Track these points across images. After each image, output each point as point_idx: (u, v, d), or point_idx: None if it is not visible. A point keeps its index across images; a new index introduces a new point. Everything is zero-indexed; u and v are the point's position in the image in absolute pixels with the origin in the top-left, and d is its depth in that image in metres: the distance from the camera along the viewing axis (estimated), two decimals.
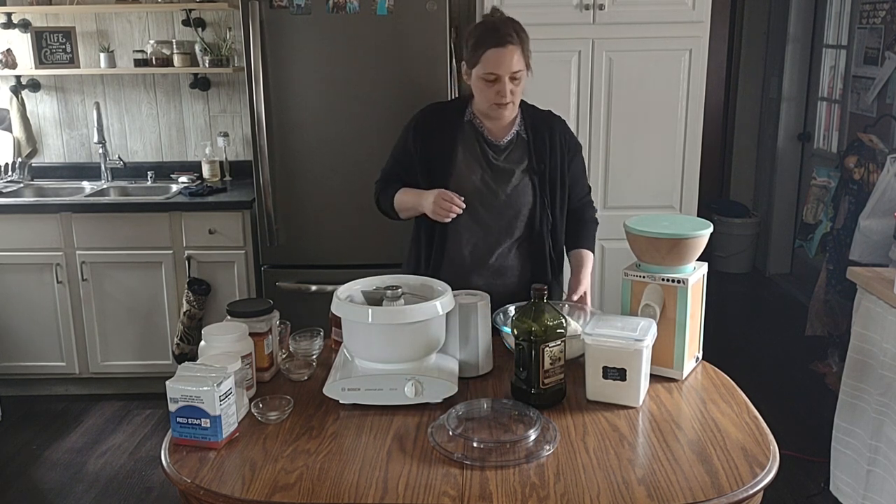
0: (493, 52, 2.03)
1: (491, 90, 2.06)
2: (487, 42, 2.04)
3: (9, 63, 3.93)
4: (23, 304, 3.67)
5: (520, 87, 2.10)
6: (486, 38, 2.04)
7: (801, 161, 5.46)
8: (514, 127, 2.20)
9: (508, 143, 2.19)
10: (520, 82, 2.09)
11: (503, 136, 2.20)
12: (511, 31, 2.05)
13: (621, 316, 1.82)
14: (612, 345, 1.68)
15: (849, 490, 2.62)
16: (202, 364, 1.62)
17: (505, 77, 2.04)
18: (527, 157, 2.19)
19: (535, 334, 1.66)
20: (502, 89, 2.05)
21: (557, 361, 1.69)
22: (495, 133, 2.20)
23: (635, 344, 1.66)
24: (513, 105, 2.11)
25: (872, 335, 2.48)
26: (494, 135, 2.20)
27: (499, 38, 2.03)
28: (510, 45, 2.03)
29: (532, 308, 1.70)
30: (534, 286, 1.71)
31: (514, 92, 2.08)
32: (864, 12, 4.35)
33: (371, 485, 1.41)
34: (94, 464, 3.23)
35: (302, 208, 3.39)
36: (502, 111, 2.11)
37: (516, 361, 1.72)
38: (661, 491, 1.38)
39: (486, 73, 2.05)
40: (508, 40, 2.03)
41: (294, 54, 3.26)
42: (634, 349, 1.66)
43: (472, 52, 2.07)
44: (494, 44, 2.03)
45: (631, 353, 1.67)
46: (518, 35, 2.06)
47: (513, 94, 2.08)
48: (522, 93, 2.14)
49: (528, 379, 1.69)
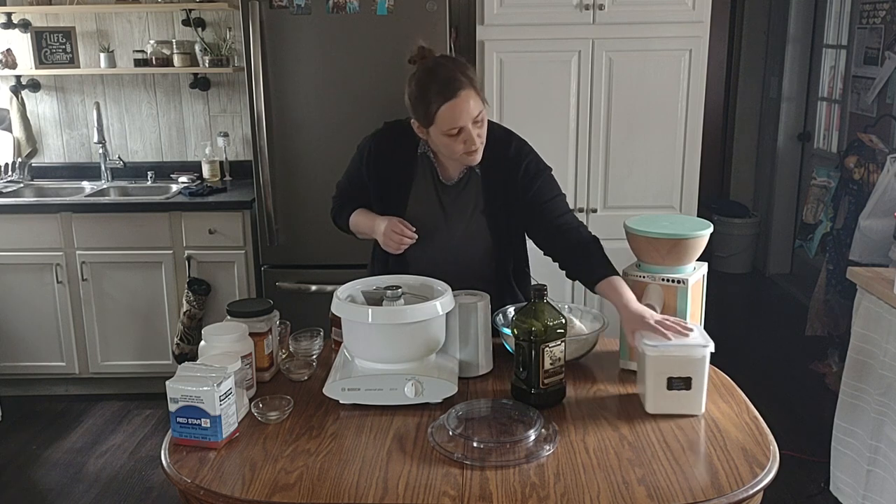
0: (448, 105, 1.83)
1: (457, 143, 1.88)
2: (437, 99, 1.84)
3: (9, 63, 3.93)
4: (23, 304, 3.67)
5: (484, 125, 1.91)
6: (434, 95, 1.84)
7: (801, 161, 5.46)
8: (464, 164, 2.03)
9: (459, 182, 2.05)
10: (482, 122, 1.90)
11: (454, 173, 2.05)
12: (457, 76, 1.85)
13: None
14: (678, 354, 1.62)
15: (849, 490, 2.62)
16: (202, 364, 1.62)
17: (468, 126, 1.86)
18: (481, 197, 2.04)
19: (536, 334, 1.66)
20: (469, 138, 1.87)
21: (558, 361, 1.69)
22: (447, 170, 2.05)
23: (702, 350, 1.62)
24: (482, 145, 1.92)
25: (872, 335, 2.48)
26: (445, 173, 2.05)
27: (448, 91, 1.83)
28: (462, 92, 1.83)
29: (532, 308, 1.69)
30: (533, 285, 1.70)
31: (480, 135, 1.90)
32: (864, 12, 4.35)
33: (371, 485, 1.41)
34: (94, 464, 3.22)
35: (302, 208, 3.39)
36: (474, 157, 1.93)
37: (516, 361, 1.72)
38: (661, 491, 1.38)
39: (447, 129, 1.86)
40: (458, 87, 1.83)
41: (294, 54, 3.26)
42: (701, 356, 1.62)
43: (424, 111, 1.87)
44: (445, 98, 1.83)
45: (697, 361, 1.62)
46: (465, 75, 1.87)
47: (480, 137, 1.90)
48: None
49: (528, 379, 1.69)
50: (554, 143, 3.37)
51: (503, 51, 3.31)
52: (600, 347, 2.00)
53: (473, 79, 1.89)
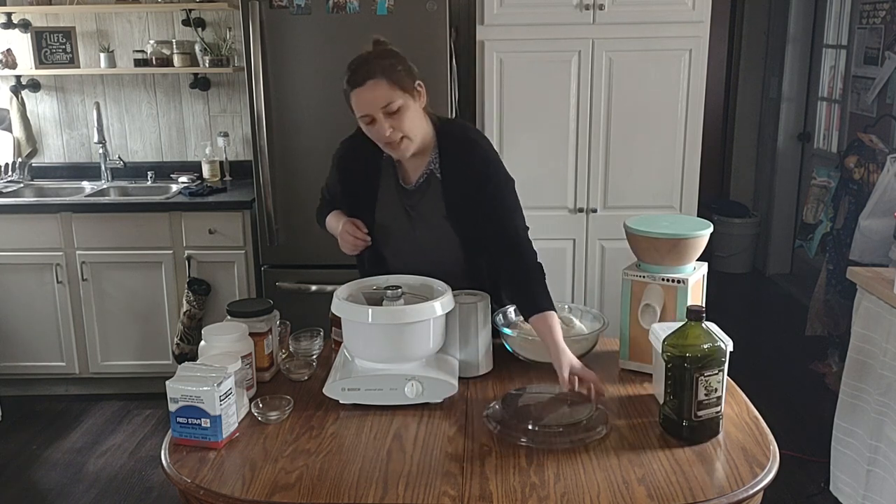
0: (356, 93, 1.84)
1: (373, 131, 1.88)
2: (347, 86, 1.86)
3: (9, 63, 3.93)
4: (23, 304, 3.67)
5: (404, 117, 1.86)
6: (349, 81, 1.86)
7: (801, 161, 5.46)
8: (425, 165, 1.99)
9: (419, 186, 2.00)
10: (401, 113, 1.85)
11: (414, 177, 2.00)
12: (368, 66, 1.84)
13: None
14: None
15: (849, 490, 2.62)
16: (202, 364, 1.62)
17: (378, 115, 1.84)
18: (441, 202, 1.98)
19: (690, 360, 1.52)
20: (380, 127, 1.85)
21: (714, 392, 1.54)
22: (407, 174, 2.02)
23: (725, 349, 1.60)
24: (407, 140, 1.88)
25: (872, 335, 2.48)
26: (406, 176, 2.02)
27: (356, 78, 1.84)
28: (369, 81, 1.82)
29: (685, 330, 1.54)
30: (689, 306, 1.56)
31: (397, 127, 1.86)
32: (864, 12, 4.35)
33: (371, 485, 1.41)
34: (94, 464, 3.22)
35: (302, 208, 3.39)
36: (398, 150, 1.90)
37: (665, 388, 1.59)
38: (661, 491, 1.38)
39: (360, 116, 1.87)
40: (366, 77, 1.83)
41: (294, 54, 3.26)
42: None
43: (346, 96, 1.89)
44: (352, 85, 1.85)
45: None
46: (380, 66, 1.84)
47: (398, 130, 1.86)
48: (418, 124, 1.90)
49: (678, 409, 1.56)
50: (554, 143, 3.37)
51: (503, 51, 3.31)
52: (600, 347, 2.00)
53: (391, 71, 1.84)
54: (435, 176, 1.99)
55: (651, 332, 1.72)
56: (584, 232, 3.46)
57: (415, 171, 2.00)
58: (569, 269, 3.50)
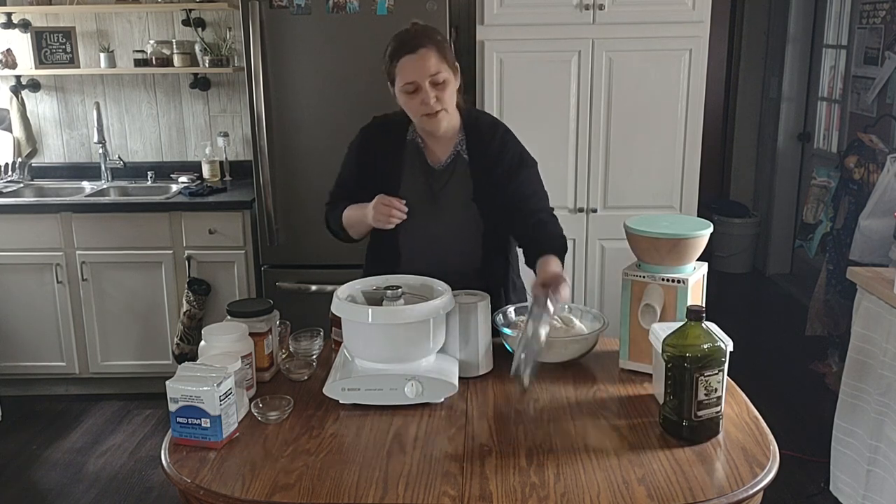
0: (405, 60, 1.92)
1: (415, 101, 1.94)
2: (398, 52, 1.93)
3: (9, 63, 3.93)
4: (23, 304, 3.67)
5: (447, 91, 1.95)
6: (396, 49, 1.94)
7: (801, 161, 5.46)
8: (452, 147, 2.05)
9: (448, 166, 2.05)
10: (445, 86, 1.94)
11: (442, 157, 2.05)
12: (421, 36, 1.95)
13: None
14: None
15: (849, 490, 2.62)
16: (202, 364, 1.62)
17: (424, 83, 1.91)
18: (469, 182, 2.04)
19: (690, 360, 1.52)
20: (425, 97, 1.92)
21: (713, 392, 1.55)
22: (434, 154, 2.06)
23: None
24: (445, 112, 1.96)
25: (872, 335, 2.48)
26: (433, 156, 2.06)
27: (409, 45, 1.92)
28: (421, 50, 1.91)
29: (685, 330, 1.54)
30: (689, 306, 1.56)
31: (440, 98, 1.93)
32: (864, 12, 4.35)
33: (371, 485, 1.41)
34: (94, 464, 3.23)
35: (302, 208, 3.39)
36: (434, 121, 1.96)
37: (665, 388, 1.59)
38: (661, 491, 1.38)
39: (404, 84, 1.93)
40: (419, 44, 1.92)
41: (294, 54, 3.26)
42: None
43: (389, 66, 1.96)
44: (405, 51, 1.92)
45: None
46: (430, 38, 1.95)
47: (440, 101, 1.93)
48: (455, 100, 1.99)
49: (678, 409, 1.55)
50: (554, 143, 3.37)
51: (503, 51, 3.31)
52: (600, 347, 2.00)
53: (442, 44, 1.96)
54: (462, 157, 2.05)
55: (651, 332, 1.72)
56: (584, 232, 3.46)
57: (442, 151, 2.06)
58: (569, 269, 3.50)
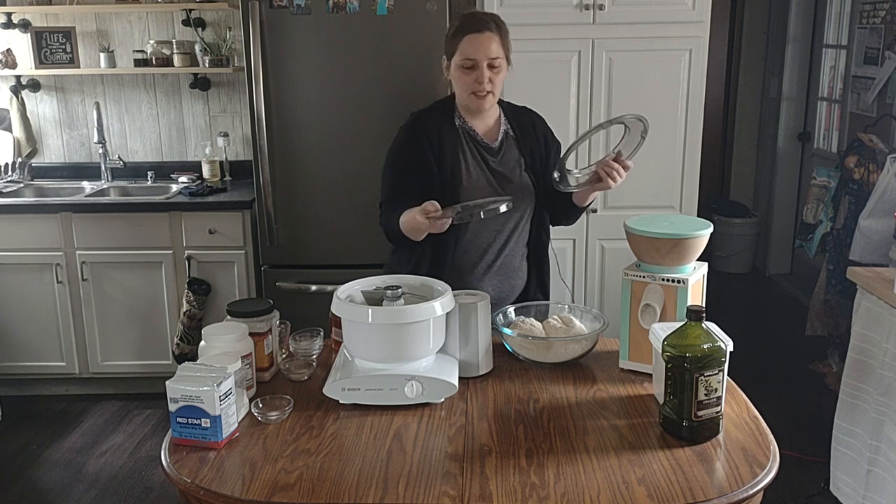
0: (471, 37, 2.03)
1: (469, 78, 2.05)
2: (465, 29, 2.04)
3: (9, 63, 3.93)
4: (23, 304, 3.67)
5: (499, 77, 2.07)
6: (463, 26, 2.05)
7: (801, 161, 5.46)
8: (501, 126, 2.19)
9: (501, 143, 2.18)
10: (499, 71, 2.07)
11: (495, 136, 2.18)
12: (489, 20, 2.06)
13: None
14: None
15: (849, 490, 2.62)
16: (202, 364, 1.62)
17: (482, 63, 2.03)
18: (521, 155, 2.19)
19: (690, 360, 1.52)
20: (480, 76, 2.03)
21: (714, 392, 1.54)
22: (486, 135, 2.18)
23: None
24: (492, 96, 2.08)
25: (872, 335, 2.48)
26: (486, 136, 2.18)
27: (476, 25, 2.04)
28: (487, 32, 2.03)
29: (685, 330, 1.55)
30: (689, 306, 1.57)
31: (492, 81, 2.05)
32: (864, 12, 4.35)
33: (371, 485, 1.41)
34: (94, 464, 3.23)
35: (302, 208, 3.40)
36: (481, 101, 2.08)
37: (665, 388, 1.59)
38: (661, 491, 1.38)
39: (463, 59, 2.04)
40: (486, 27, 2.04)
41: (294, 54, 3.26)
42: None
43: (451, 40, 2.08)
44: (471, 30, 2.03)
45: None
46: (497, 25, 2.07)
47: (492, 83, 2.05)
48: (502, 87, 2.12)
49: (678, 409, 1.55)
50: None
51: None
52: (600, 347, 2.00)
53: (504, 33, 2.08)
54: (510, 135, 2.20)
55: (651, 332, 1.72)
56: (584, 232, 3.46)
57: (493, 133, 2.19)
58: (569, 269, 3.50)
